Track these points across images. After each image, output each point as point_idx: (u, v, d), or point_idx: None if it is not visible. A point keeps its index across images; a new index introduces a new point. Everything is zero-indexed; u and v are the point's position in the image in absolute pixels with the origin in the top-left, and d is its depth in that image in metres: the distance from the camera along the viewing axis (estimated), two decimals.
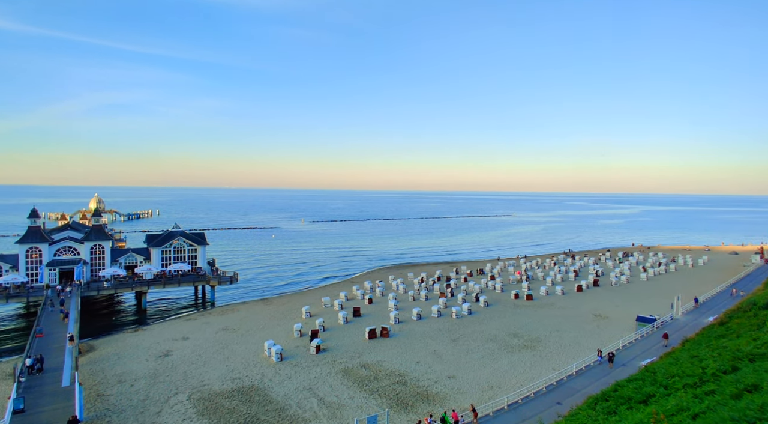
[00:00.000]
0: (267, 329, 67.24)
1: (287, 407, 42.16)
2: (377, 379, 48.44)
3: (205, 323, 71.30)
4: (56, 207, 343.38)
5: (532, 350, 57.29)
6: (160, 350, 57.96)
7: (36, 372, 44.65)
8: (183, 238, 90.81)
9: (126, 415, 40.84)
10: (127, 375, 49.98)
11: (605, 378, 45.19)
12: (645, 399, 26.32)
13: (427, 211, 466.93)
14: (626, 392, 28.32)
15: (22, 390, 40.47)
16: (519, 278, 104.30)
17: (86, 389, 45.33)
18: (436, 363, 52.97)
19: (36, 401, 38.75)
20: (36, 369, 44.83)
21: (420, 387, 46.41)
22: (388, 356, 55.12)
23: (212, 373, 50.55)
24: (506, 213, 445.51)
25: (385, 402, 43.05)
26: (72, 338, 53.05)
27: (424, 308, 77.61)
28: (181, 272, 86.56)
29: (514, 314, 74.94)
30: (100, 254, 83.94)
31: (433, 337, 62.69)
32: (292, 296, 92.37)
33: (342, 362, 53.18)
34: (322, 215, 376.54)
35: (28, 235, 78.91)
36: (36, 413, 36.67)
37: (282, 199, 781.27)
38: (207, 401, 43.45)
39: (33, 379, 43.41)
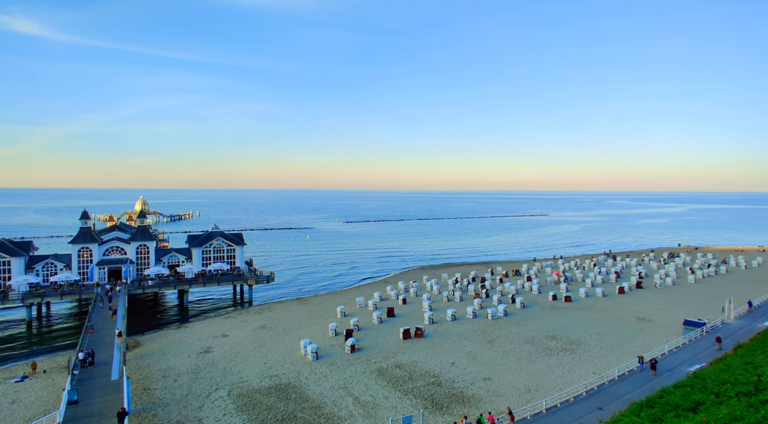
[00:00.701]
0: (303, 328, 68.33)
1: (323, 405, 42.70)
2: (412, 379, 48.33)
3: (244, 321, 73.19)
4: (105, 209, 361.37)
5: (571, 353, 55.68)
6: (201, 347, 59.93)
7: (88, 366, 47.11)
8: (222, 238, 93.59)
9: (170, 409, 42.45)
10: (171, 370, 51.92)
11: (650, 384, 43.38)
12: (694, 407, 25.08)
13: (461, 211, 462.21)
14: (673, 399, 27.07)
15: (75, 382, 42.77)
16: (557, 279, 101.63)
17: (133, 383, 47.41)
18: (471, 364, 52.33)
19: (88, 393, 40.87)
20: (88, 363, 47.30)
21: (455, 388, 45.97)
22: (422, 357, 54.90)
23: (251, 370, 51.82)
24: (542, 213, 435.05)
25: (419, 403, 42.90)
26: (120, 333, 55.67)
27: (458, 308, 76.84)
28: (220, 272, 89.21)
29: (552, 315, 73.08)
30: (145, 253, 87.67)
31: (468, 338, 61.97)
32: (327, 296, 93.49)
33: (376, 362, 53.37)
34: (356, 215, 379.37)
35: (79, 235, 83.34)
36: (88, 405, 38.67)
37: (316, 200, 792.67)
38: (246, 398, 44.57)
39: (85, 372, 45.81)
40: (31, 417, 40.52)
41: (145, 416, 40.87)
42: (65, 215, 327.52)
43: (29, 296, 72.24)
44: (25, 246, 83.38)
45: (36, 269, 79.36)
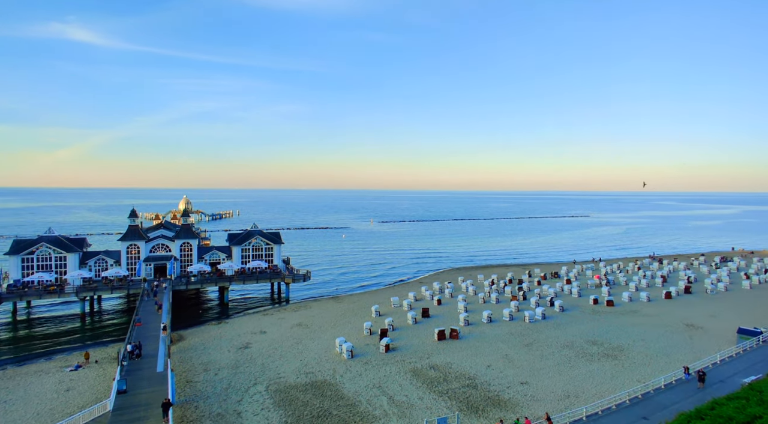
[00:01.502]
0: (338, 327, 69.08)
1: (358, 404, 43.01)
2: (447, 381, 47.94)
3: (281, 318, 74.76)
4: (151, 208, 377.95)
5: (613, 359, 53.66)
6: (240, 343, 61.65)
7: (135, 357, 49.40)
8: (260, 237, 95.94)
9: (211, 401, 43.91)
10: (212, 364, 53.70)
11: (700, 394, 41.22)
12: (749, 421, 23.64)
13: (498, 211, 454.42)
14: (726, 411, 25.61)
15: (124, 373, 44.95)
16: (598, 282, 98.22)
17: (177, 375, 49.36)
18: (507, 368, 51.36)
19: (136, 383, 42.86)
20: (135, 355, 49.60)
21: (491, 392, 45.24)
22: (457, 358, 54.35)
23: (287, 366, 52.86)
24: (583, 213, 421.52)
25: (454, 405, 42.49)
26: (165, 327, 58.06)
27: (494, 310, 75.59)
28: (258, 270, 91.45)
29: (592, 320, 70.69)
30: (188, 251, 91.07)
31: (505, 341, 60.85)
32: (362, 295, 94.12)
33: (411, 362, 53.27)
34: (391, 215, 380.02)
35: (128, 233, 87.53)
36: (136, 394, 40.56)
37: (352, 199, 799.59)
38: (283, 393, 45.51)
39: (133, 363, 48.06)
40: (84, 404, 42.90)
41: (188, 408, 42.45)
42: (115, 214, 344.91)
43: (83, 289, 76.50)
44: (79, 243, 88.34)
45: (89, 265, 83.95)
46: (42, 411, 42.28)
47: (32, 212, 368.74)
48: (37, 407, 43.25)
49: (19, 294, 73.53)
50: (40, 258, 79.94)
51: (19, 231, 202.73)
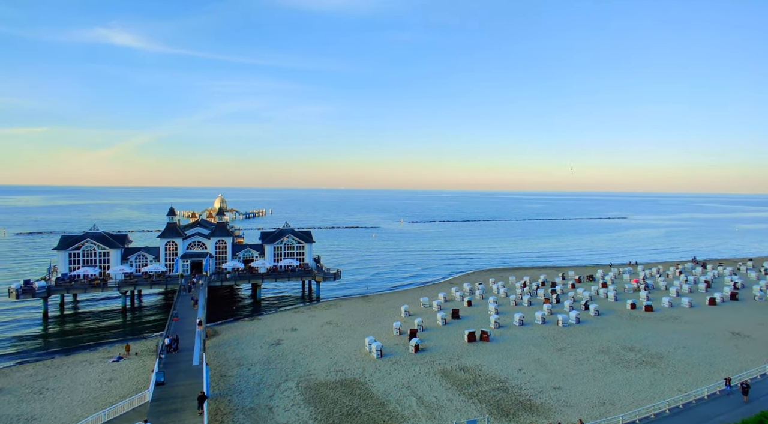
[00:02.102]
0: (367, 326, 69.41)
1: (387, 403, 43.09)
2: (476, 383, 47.39)
3: (311, 316, 75.76)
4: (188, 206, 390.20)
5: (651, 366, 51.69)
6: (272, 339, 62.87)
7: (173, 350, 51.13)
8: (292, 235, 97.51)
9: (244, 396, 44.97)
10: (245, 359, 54.98)
11: (747, 406, 39.18)
12: None
13: (531, 212, 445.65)
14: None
15: (162, 365, 46.59)
16: (636, 286, 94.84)
17: (212, 369, 50.79)
18: (540, 372, 50.30)
19: (173, 376, 44.37)
20: (173, 348, 51.34)
21: (522, 396, 44.42)
22: (487, 361, 53.65)
23: (318, 364, 53.52)
24: (620, 215, 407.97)
25: (484, 408, 41.96)
26: (201, 322, 59.86)
27: (526, 313, 74.17)
28: (290, 268, 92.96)
29: (630, 325, 68.31)
30: (223, 248, 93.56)
31: (537, 344, 59.61)
32: (392, 295, 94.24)
33: (440, 363, 52.94)
34: (421, 215, 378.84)
35: (167, 230, 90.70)
36: (173, 386, 42.00)
37: (382, 199, 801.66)
38: (313, 390, 46.11)
39: (170, 356, 49.77)
40: (125, 394, 44.77)
41: (222, 401, 43.63)
42: (155, 212, 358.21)
43: (124, 284, 79.82)
44: (121, 239, 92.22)
45: (130, 260, 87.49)
46: (87, 399, 44.38)
47: (78, 209, 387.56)
48: (82, 395, 45.44)
49: (66, 287, 77.43)
50: (85, 253, 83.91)
51: (66, 227, 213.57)
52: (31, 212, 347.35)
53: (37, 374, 51.01)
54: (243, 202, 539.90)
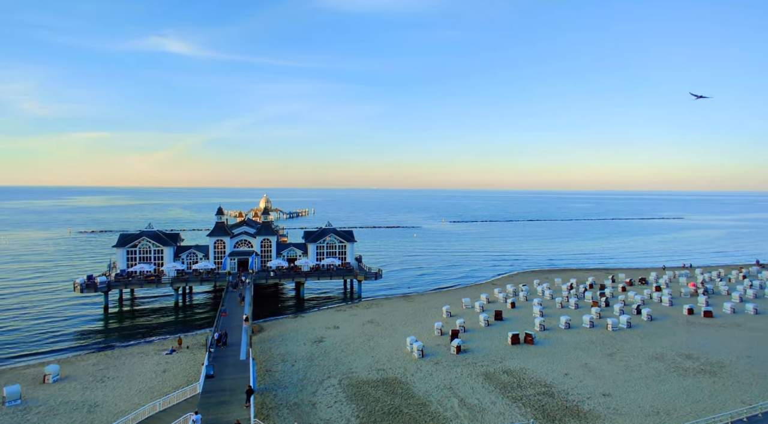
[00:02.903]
0: (409, 325, 69.32)
1: (428, 404, 42.87)
2: (521, 387, 46.27)
3: (353, 314, 76.53)
4: (235, 206, 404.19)
5: (711, 376, 48.59)
6: (315, 336, 64.03)
7: (221, 345, 53.10)
8: (334, 235, 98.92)
9: (288, 391, 46.06)
10: (289, 356, 56.30)
11: None
12: None
13: (577, 212, 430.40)
14: None
15: (212, 359, 48.49)
16: (694, 290, 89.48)
17: (257, 364, 52.36)
18: (587, 377, 48.45)
19: (222, 369, 46.08)
20: (222, 343, 53.32)
21: (569, 401, 42.94)
22: (532, 364, 52.26)
23: (359, 362, 54.00)
24: (677, 215, 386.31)
25: (529, 412, 40.90)
26: (247, 318, 61.84)
27: (573, 316, 71.65)
28: (332, 266, 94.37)
29: (687, 331, 64.54)
30: (268, 247, 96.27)
31: (585, 349, 57.45)
32: (433, 295, 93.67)
33: (483, 365, 52.08)
34: (463, 215, 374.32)
35: (215, 229, 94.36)
36: (222, 380, 43.62)
37: (423, 199, 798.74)
38: (355, 388, 46.56)
39: (219, 350, 51.70)
40: (177, 385, 46.94)
41: (267, 395, 44.89)
42: (204, 211, 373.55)
43: (176, 280, 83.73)
44: (173, 237, 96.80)
45: (182, 258, 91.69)
46: (143, 389, 46.90)
47: (135, 209, 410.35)
48: (139, 384, 48.08)
49: (125, 283, 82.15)
50: (141, 251, 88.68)
51: (124, 226, 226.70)
52: (93, 211, 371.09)
53: (99, 364, 54.43)
54: (287, 202, 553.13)
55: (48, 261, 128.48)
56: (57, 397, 44.98)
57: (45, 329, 69.71)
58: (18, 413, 41.69)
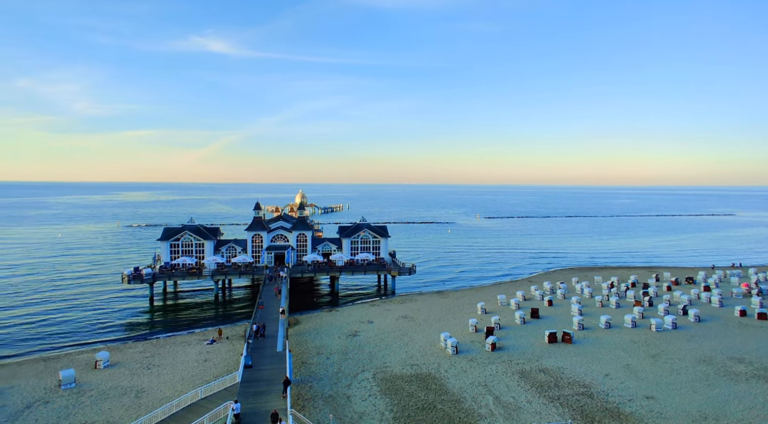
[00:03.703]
0: (443, 321, 68.98)
1: (462, 400, 42.58)
2: (558, 386, 45.22)
3: (387, 309, 76.85)
4: (271, 201, 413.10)
5: (766, 381, 45.89)
6: (349, 330, 64.74)
7: (259, 337, 54.56)
8: (368, 230, 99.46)
9: (323, 383, 46.85)
10: (324, 349, 57.21)
11: None
12: None
13: (619, 208, 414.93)
14: None
15: (250, 350, 49.92)
16: (746, 291, 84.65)
17: (294, 356, 53.49)
18: (629, 379, 46.79)
19: (259, 360, 47.37)
20: (260, 334, 54.78)
21: (609, 403, 41.62)
22: (570, 364, 50.94)
23: (393, 356, 54.22)
24: (727, 212, 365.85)
25: (567, 412, 39.93)
26: (283, 311, 63.22)
27: (614, 315, 69.29)
28: (366, 261, 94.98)
29: (739, 334, 61.16)
30: (303, 241, 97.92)
31: (626, 349, 55.47)
32: (467, 291, 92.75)
33: (519, 364, 51.22)
34: (499, 211, 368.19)
35: (253, 224, 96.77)
36: (260, 370, 44.85)
37: (458, 194, 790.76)
38: (389, 382, 46.82)
39: (257, 342, 53.15)
40: (218, 374, 48.63)
41: (303, 387, 45.81)
42: (242, 206, 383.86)
43: (217, 273, 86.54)
44: (214, 232, 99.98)
45: (221, 251, 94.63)
46: (186, 377, 48.86)
47: (178, 204, 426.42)
48: (182, 372, 50.11)
49: (168, 274, 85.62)
50: (184, 244, 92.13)
51: (168, 220, 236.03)
52: (140, 206, 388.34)
53: (145, 352, 57.09)
54: (322, 197, 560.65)
55: (98, 254, 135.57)
56: (107, 382, 47.53)
57: (96, 317, 73.70)
58: (73, 395, 44.34)
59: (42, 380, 47.79)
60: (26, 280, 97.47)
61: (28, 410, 41.36)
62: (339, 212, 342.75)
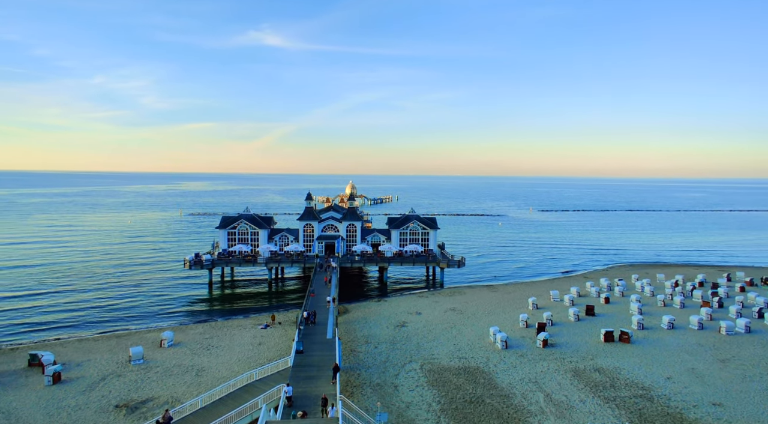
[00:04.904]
0: (492, 315, 67.85)
1: (512, 396, 41.80)
2: (614, 387, 43.30)
3: (435, 301, 76.59)
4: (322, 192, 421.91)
5: None
6: (397, 321, 65.17)
7: (310, 323, 56.10)
8: (417, 221, 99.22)
9: (371, 371, 47.56)
10: (372, 338, 57.99)
11: None
12: None
13: (686, 202, 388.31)
14: None
15: (301, 336, 51.47)
16: None
17: (343, 344, 54.61)
18: (694, 384, 43.97)
19: (310, 346, 48.75)
20: (310, 321, 56.32)
21: (671, 408, 39.35)
22: (628, 364, 48.58)
23: (441, 349, 54.06)
24: None
25: (624, 415, 38.19)
26: (334, 300, 64.59)
27: (678, 316, 65.19)
28: (415, 253, 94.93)
29: None
30: (353, 232, 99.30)
31: (691, 352, 52.11)
32: (518, 285, 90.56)
33: (572, 362, 49.50)
34: (553, 204, 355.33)
35: (305, 214, 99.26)
36: (310, 356, 46.18)
37: (509, 186, 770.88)
38: (436, 374, 46.78)
39: (308, 328, 54.68)
40: (271, 358, 50.62)
41: (352, 374, 46.75)
42: (294, 196, 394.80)
43: (270, 261, 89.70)
44: (268, 221, 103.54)
45: (275, 240, 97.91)
46: (241, 358, 51.26)
47: (234, 193, 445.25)
48: (238, 354, 52.61)
49: (226, 261, 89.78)
50: (240, 232, 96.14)
51: (225, 209, 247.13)
52: (200, 195, 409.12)
53: (204, 333, 60.41)
54: (371, 188, 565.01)
55: (162, 242, 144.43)
56: (171, 359, 50.79)
57: (161, 300, 78.74)
58: (141, 371, 47.79)
59: (115, 355, 51.83)
60: (100, 264, 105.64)
61: (103, 382, 45.05)
62: (388, 203, 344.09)
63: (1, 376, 45.90)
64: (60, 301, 75.41)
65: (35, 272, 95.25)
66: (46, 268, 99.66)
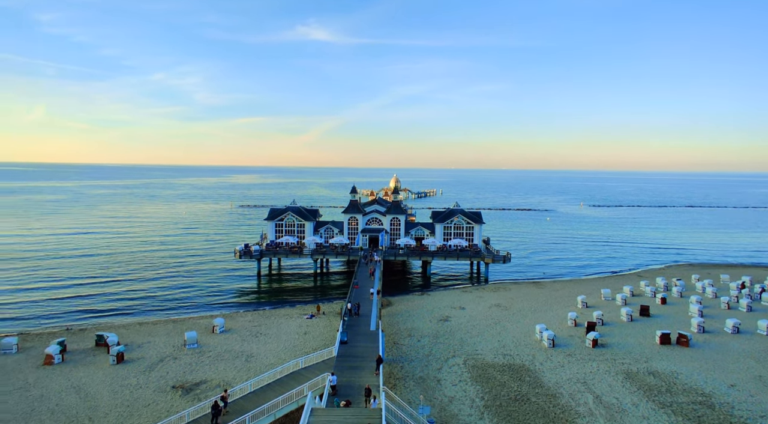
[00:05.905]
0: (538, 313, 66.15)
1: (559, 396, 40.66)
2: (670, 392, 41.13)
3: (479, 297, 75.55)
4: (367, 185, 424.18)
5: None
6: (440, 315, 64.87)
7: (354, 315, 56.94)
8: (462, 216, 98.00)
9: (414, 365, 47.69)
10: (415, 331, 58.06)
11: None
12: None
13: (755, 198, 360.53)
14: None
15: (345, 327, 52.33)
16: None
17: (386, 336, 55.01)
18: (761, 393, 41.01)
19: (354, 337, 49.48)
20: (354, 313, 57.16)
21: (734, 417, 36.93)
22: (686, 369, 45.97)
23: (485, 344, 53.34)
24: None
25: (680, 421, 36.25)
26: (378, 292, 65.14)
27: (744, 320, 60.85)
28: (459, 247, 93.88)
29: None
30: (397, 225, 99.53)
31: (759, 359, 48.58)
32: (566, 283, 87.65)
33: (624, 364, 47.44)
34: (605, 199, 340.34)
35: (349, 207, 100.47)
36: (354, 347, 46.89)
37: (558, 180, 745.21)
38: (479, 370, 46.24)
39: (352, 320, 55.51)
40: (316, 347, 51.85)
41: (395, 366, 47.08)
42: (339, 189, 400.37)
43: (315, 252, 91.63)
44: (313, 213, 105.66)
45: (320, 232, 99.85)
46: (288, 347, 52.84)
47: (282, 186, 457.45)
48: (285, 342, 54.27)
49: (273, 252, 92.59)
50: (287, 224, 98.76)
51: (273, 202, 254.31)
52: (249, 188, 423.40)
53: (253, 321, 62.71)
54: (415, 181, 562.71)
55: (215, 233, 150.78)
56: (223, 345, 53.15)
57: (213, 288, 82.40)
58: (195, 354, 50.34)
59: (171, 339, 54.86)
60: (158, 254, 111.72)
61: (161, 363, 47.84)
62: (432, 196, 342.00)
63: (73, 354, 49.77)
64: (122, 289, 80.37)
65: (101, 261, 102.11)
66: (110, 257, 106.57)
